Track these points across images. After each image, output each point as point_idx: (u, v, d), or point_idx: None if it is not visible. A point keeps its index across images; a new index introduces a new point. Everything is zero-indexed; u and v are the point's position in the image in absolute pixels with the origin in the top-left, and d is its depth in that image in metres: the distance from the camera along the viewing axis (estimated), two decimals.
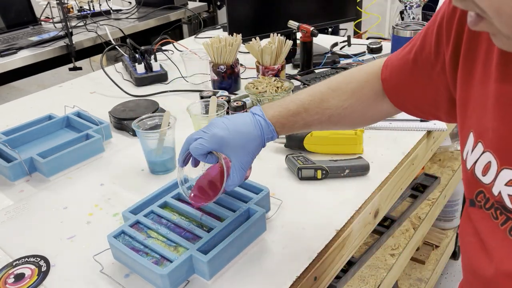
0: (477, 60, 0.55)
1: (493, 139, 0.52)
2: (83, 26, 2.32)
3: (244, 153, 0.67)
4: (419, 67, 0.64)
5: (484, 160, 0.54)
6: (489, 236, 0.56)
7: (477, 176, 0.56)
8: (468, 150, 0.57)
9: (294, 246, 0.76)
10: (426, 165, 1.74)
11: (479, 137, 0.55)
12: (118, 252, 0.72)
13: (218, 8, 3.68)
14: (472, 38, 0.55)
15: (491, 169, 0.53)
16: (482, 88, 0.54)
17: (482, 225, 0.57)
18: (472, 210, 0.59)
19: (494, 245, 0.55)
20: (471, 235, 0.60)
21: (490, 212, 0.55)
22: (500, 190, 0.52)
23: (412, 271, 1.66)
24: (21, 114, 1.31)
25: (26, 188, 0.97)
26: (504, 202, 0.52)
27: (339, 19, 1.75)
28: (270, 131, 0.69)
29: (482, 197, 0.56)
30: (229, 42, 1.32)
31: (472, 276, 0.62)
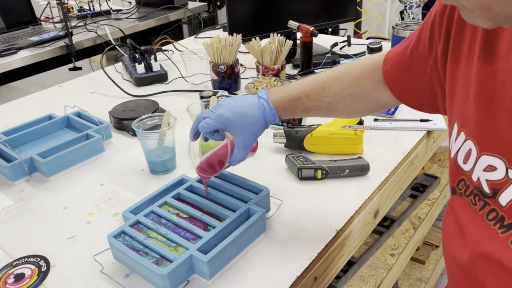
0: (462, 52, 0.57)
1: (473, 127, 0.55)
2: (83, 26, 2.32)
3: (247, 133, 0.73)
4: (415, 63, 0.67)
5: (466, 148, 0.56)
6: (468, 222, 0.59)
7: (459, 164, 0.58)
8: (452, 139, 0.59)
9: (294, 246, 0.76)
10: (426, 165, 1.74)
11: (462, 126, 0.57)
12: (118, 252, 0.72)
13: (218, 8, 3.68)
14: (459, 31, 0.58)
15: (471, 157, 0.55)
16: (464, 77, 0.57)
17: (462, 212, 0.60)
18: (454, 198, 0.61)
19: (471, 230, 0.58)
20: (452, 223, 0.63)
21: (470, 199, 0.57)
22: (479, 176, 0.55)
23: (412, 271, 1.66)
24: (21, 114, 1.31)
25: (26, 188, 0.97)
26: (482, 187, 0.54)
27: (339, 19, 1.75)
28: (272, 114, 0.74)
29: (463, 185, 0.58)
30: (229, 42, 1.32)
31: (451, 264, 0.65)
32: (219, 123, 0.72)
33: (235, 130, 0.72)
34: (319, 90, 0.74)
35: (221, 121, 0.72)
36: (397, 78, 0.71)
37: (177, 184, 0.85)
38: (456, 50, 0.58)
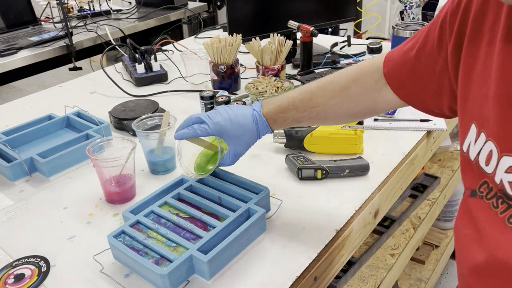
0: (478, 53, 0.56)
1: (493, 127, 0.54)
2: (83, 26, 2.32)
3: (239, 143, 0.76)
4: (421, 64, 0.66)
5: (487, 149, 0.55)
6: (487, 225, 0.57)
7: (481, 166, 0.57)
8: (470, 141, 0.58)
9: (294, 246, 0.76)
10: (426, 165, 1.74)
11: (482, 127, 0.56)
12: (118, 252, 0.72)
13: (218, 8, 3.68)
14: (474, 31, 0.57)
15: (492, 158, 0.54)
16: (483, 78, 0.55)
17: (480, 215, 0.58)
18: (472, 201, 0.60)
19: (491, 234, 0.56)
20: (467, 227, 0.61)
21: (491, 202, 0.56)
22: (502, 178, 0.53)
23: (412, 271, 1.66)
24: (21, 114, 1.31)
25: (26, 188, 0.97)
26: (506, 190, 0.53)
27: (339, 19, 1.75)
28: (264, 126, 0.77)
29: (486, 188, 0.57)
30: (229, 42, 1.32)
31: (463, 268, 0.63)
32: (215, 130, 0.75)
33: (228, 138, 0.76)
34: (307, 101, 0.76)
35: (217, 129, 0.75)
36: (400, 79, 0.71)
37: (177, 184, 0.85)
38: (472, 51, 0.57)
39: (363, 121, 1.11)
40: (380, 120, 1.14)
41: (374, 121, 1.14)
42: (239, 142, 0.76)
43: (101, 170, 0.88)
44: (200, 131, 0.75)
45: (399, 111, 1.17)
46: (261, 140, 1.08)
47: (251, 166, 1.00)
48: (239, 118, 0.76)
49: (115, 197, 0.89)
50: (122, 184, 0.89)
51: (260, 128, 0.76)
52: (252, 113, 0.76)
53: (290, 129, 1.02)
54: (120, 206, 0.88)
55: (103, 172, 0.88)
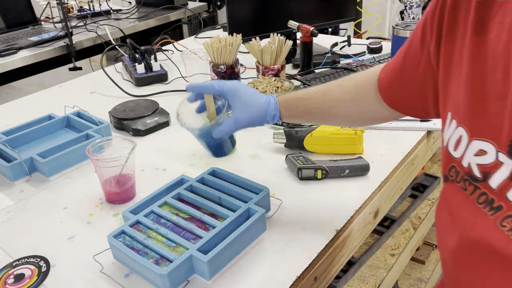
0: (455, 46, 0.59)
1: (464, 113, 0.56)
2: (83, 26, 2.32)
3: (244, 111, 0.76)
4: (407, 64, 0.68)
5: (456, 135, 0.57)
6: (459, 208, 0.60)
7: (450, 152, 0.59)
8: (446, 128, 0.60)
9: (294, 246, 0.76)
10: (426, 165, 1.74)
11: (454, 114, 0.58)
12: (118, 252, 0.72)
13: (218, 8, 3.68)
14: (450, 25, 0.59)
15: (461, 143, 0.57)
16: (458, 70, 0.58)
17: (453, 199, 0.61)
18: (446, 186, 0.63)
19: (462, 215, 0.59)
20: (444, 213, 0.64)
21: (461, 185, 0.58)
22: (469, 162, 0.56)
23: (412, 271, 1.66)
24: (21, 114, 1.31)
25: (26, 188, 0.97)
26: (473, 172, 0.56)
27: (339, 19, 1.75)
28: (274, 109, 0.77)
29: (454, 172, 0.60)
30: (229, 42, 1.32)
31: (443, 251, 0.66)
32: (229, 89, 0.76)
33: (237, 101, 0.76)
34: (322, 92, 0.77)
35: (231, 89, 0.76)
36: (388, 83, 0.72)
37: (177, 184, 0.85)
38: (449, 43, 0.60)
39: None
40: None
41: None
42: (244, 110, 0.76)
43: (101, 170, 0.88)
44: (215, 85, 0.76)
45: None
46: (261, 140, 1.08)
47: (251, 166, 1.00)
48: (255, 92, 0.78)
49: (115, 197, 0.89)
50: (122, 184, 0.89)
51: (269, 110, 0.76)
52: (268, 96, 0.78)
53: (290, 129, 1.02)
54: (120, 206, 0.88)
55: (103, 172, 0.88)
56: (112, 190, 0.89)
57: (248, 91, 0.77)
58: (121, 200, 0.90)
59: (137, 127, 1.15)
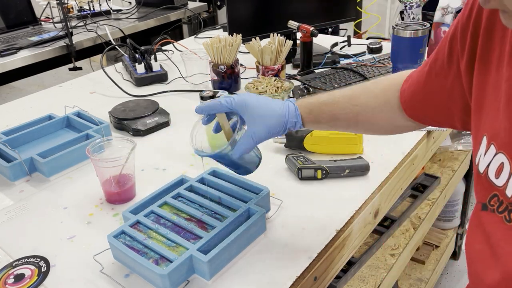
0: (490, 67, 0.56)
1: (505, 139, 0.53)
2: (83, 26, 2.32)
3: (260, 124, 0.68)
4: (432, 78, 0.65)
5: (497, 162, 0.54)
6: (500, 240, 0.56)
7: (491, 179, 0.56)
8: (481, 154, 0.57)
9: (294, 246, 0.76)
10: (426, 165, 1.74)
11: (492, 139, 0.55)
12: (118, 252, 0.72)
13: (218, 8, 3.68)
14: (486, 44, 0.56)
15: (504, 171, 0.53)
16: (495, 91, 0.55)
17: (493, 229, 0.57)
18: (484, 215, 0.58)
19: (505, 249, 0.55)
20: (480, 242, 0.60)
21: (503, 215, 0.55)
22: None
23: (412, 271, 1.66)
24: (21, 114, 1.31)
25: (26, 188, 0.97)
26: None
27: (339, 19, 1.75)
28: (295, 115, 0.70)
29: (496, 201, 0.56)
30: (229, 42, 1.32)
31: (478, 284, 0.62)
32: (237, 103, 0.69)
33: (250, 117, 0.68)
34: (348, 97, 0.72)
35: (241, 103, 0.68)
36: (411, 95, 0.69)
37: (177, 184, 0.85)
38: (485, 61, 0.57)
39: None
40: None
41: None
42: (260, 122, 0.68)
43: (101, 170, 0.88)
44: (224, 102, 0.68)
45: None
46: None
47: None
48: (268, 100, 0.70)
49: (115, 197, 0.89)
50: (122, 184, 0.89)
51: (290, 117, 0.70)
52: (285, 102, 0.71)
53: None
54: (120, 206, 0.88)
55: (103, 172, 0.88)
56: (112, 190, 0.89)
57: (260, 101, 0.69)
58: (121, 200, 0.90)
59: (137, 127, 1.15)
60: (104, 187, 0.89)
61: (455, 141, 1.83)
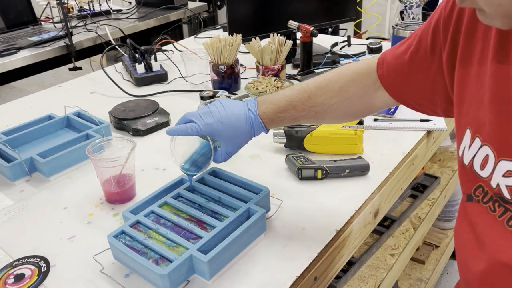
0: (472, 59, 0.57)
1: (490, 132, 0.54)
2: (83, 26, 2.32)
3: (231, 144, 0.76)
4: (415, 67, 0.67)
5: (482, 154, 0.55)
6: (486, 230, 0.58)
7: (476, 171, 0.57)
8: (465, 146, 0.59)
9: (294, 246, 0.76)
10: (426, 165, 1.74)
11: (476, 132, 0.56)
12: (118, 252, 0.72)
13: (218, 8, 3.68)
14: (468, 36, 0.57)
15: (488, 162, 0.55)
16: (478, 83, 0.56)
17: (479, 219, 0.59)
18: (469, 205, 0.60)
19: (490, 238, 0.57)
20: (467, 232, 0.61)
21: (488, 206, 0.56)
22: (498, 182, 0.54)
23: (412, 271, 1.66)
24: (21, 114, 1.31)
25: (26, 188, 0.97)
26: (503, 193, 0.54)
27: (339, 19, 1.75)
28: (259, 128, 0.76)
29: (481, 191, 0.57)
30: (229, 42, 1.32)
31: (466, 273, 0.64)
32: (206, 131, 0.75)
33: (220, 139, 0.76)
34: (305, 100, 0.75)
35: (208, 130, 0.75)
36: (395, 81, 0.71)
37: (177, 184, 0.85)
38: (466, 56, 0.58)
39: (363, 121, 1.11)
40: (380, 120, 1.14)
41: (374, 121, 1.14)
42: (231, 143, 0.76)
43: (101, 170, 0.88)
44: (191, 130, 0.75)
45: (399, 111, 1.17)
46: (261, 140, 1.08)
47: (251, 166, 1.00)
48: (231, 119, 0.75)
49: (115, 197, 0.89)
50: (122, 184, 0.89)
51: (255, 129, 0.76)
52: (247, 114, 0.75)
53: (290, 129, 1.02)
54: (120, 206, 0.88)
55: (103, 172, 0.88)
56: (112, 190, 0.89)
57: (225, 124, 0.74)
58: (121, 200, 0.90)
59: (137, 127, 1.15)
60: (104, 187, 0.89)
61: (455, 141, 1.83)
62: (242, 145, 0.77)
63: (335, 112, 0.77)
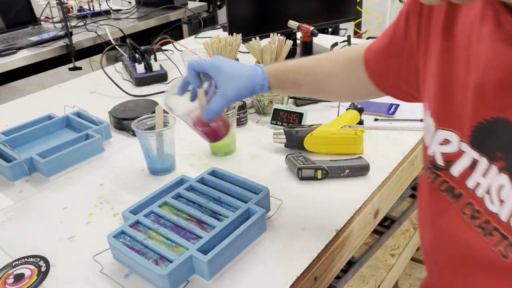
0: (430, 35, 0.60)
1: (434, 103, 0.58)
2: (83, 26, 2.32)
3: (231, 85, 0.73)
4: (392, 49, 0.69)
5: (427, 124, 0.60)
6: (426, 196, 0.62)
7: (424, 141, 0.62)
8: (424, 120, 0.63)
9: (294, 246, 0.76)
10: None
11: (429, 105, 0.60)
12: (118, 252, 0.72)
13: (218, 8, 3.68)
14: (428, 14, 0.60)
15: (429, 132, 0.59)
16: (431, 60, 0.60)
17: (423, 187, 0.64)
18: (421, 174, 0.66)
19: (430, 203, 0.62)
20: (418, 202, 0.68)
21: (427, 174, 0.61)
22: (434, 151, 0.58)
23: (412, 271, 1.66)
24: (21, 114, 1.31)
25: (26, 188, 0.97)
26: (436, 160, 0.58)
27: (339, 19, 1.75)
28: (262, 78, 0.75)
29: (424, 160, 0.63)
30: (229, 42, 1.32)
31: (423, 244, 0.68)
32: (209, 65, 0.73)
33: (221, 77, 0.73)
34: (312, 66, 0.77)
35: (211, 63, 0.73)
36: (376, 66, 0.73)
37: (177, 184, 0.85)
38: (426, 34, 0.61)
39: (363, 121, 1.11)
40: (380, 120, 1.14)
41: (374, 121, 1.14)
42: (231, 83, 0.73)
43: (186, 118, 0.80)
44: (193, 64, 0.74)
45: (399, 111, 1.17)
46: (261, 140, 1.08)
47: (251, 166, 1.00)
48: (238, 64, 0.75)
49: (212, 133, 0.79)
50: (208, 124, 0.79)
51: (257, 80, 0.74)
52: (254, 66, 0.76)
53: (290, 129, 1.02)
54: (120, 206, 0.88)
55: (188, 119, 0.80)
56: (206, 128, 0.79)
57: (230, 63, 0.74)
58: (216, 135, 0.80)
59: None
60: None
61: None
62: (241, 92, 0.74)
63: (337, 85, 0.78)
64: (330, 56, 0.78)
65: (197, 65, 0.74)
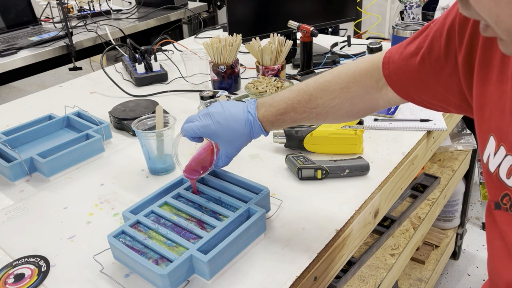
0: (492, 64, 0.56)
1: None
2: (83, 26, 2.32)
3: (231, 147, 0.77)
4: (426, 69, 0.65)
5: (507, 163, 0.55)
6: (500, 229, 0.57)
7: (502, 179, 0.57)
8: (490, 153, 0.58)
9: (294, 246, 0.76)
10: (426, 165, 1.74)
11: (501, 140, 0.55)
12: (118, 252, 0.72)
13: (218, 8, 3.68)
14: (487, 42, 0.56)
15: None
16: (499, 91, 0.55)
17: (507, 229, 0.58)
18: (498, 213, 0.59)
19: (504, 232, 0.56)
20: (498, 239, 0.60)
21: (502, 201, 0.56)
22: None
23: (412, 271, 1.66)
24: (21, 114, 1.31)
25: (26, 188, 0.97)
26: None
27: (339, 19, 1.75)
28: (259, 131, 0.76)
29: (508, 200, 0.57)
30: (229, 42, 1.32)
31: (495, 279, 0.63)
32: (204, 133, 0.75)
33: (219, 141, 0.76)
34: (306, 102, 0.74)
35: (206, 131, 0.75)
36: (403, 82, 0.69)
37: (177, 184, 0.85)
38: (486, 60, 0.57)
39: (363, 121, 1.11)
40: (380, 120, 1.14)
41: (374, 121, 1.14)
42: (230, 145, 0.76)
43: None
44: (187, 132, 0.76)
45: (399, 111, 1.17)
46: (261, 140, 1.08)
47: (251, 166, 1.00)
48: (230, 122, 0.74)
49: None
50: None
51: (254, 132, 0.76)
52: (246, 118, 0.75)
53: (290, 129, 1.02)
54: (120, 206, 0.88)
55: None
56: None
57: (224, 126, 0.74)
58: None
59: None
60: None
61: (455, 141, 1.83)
62: (241, 148, 0.77)
63: (337, 113, 0.76)
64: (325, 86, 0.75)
65: (191, 133, 0.76)
